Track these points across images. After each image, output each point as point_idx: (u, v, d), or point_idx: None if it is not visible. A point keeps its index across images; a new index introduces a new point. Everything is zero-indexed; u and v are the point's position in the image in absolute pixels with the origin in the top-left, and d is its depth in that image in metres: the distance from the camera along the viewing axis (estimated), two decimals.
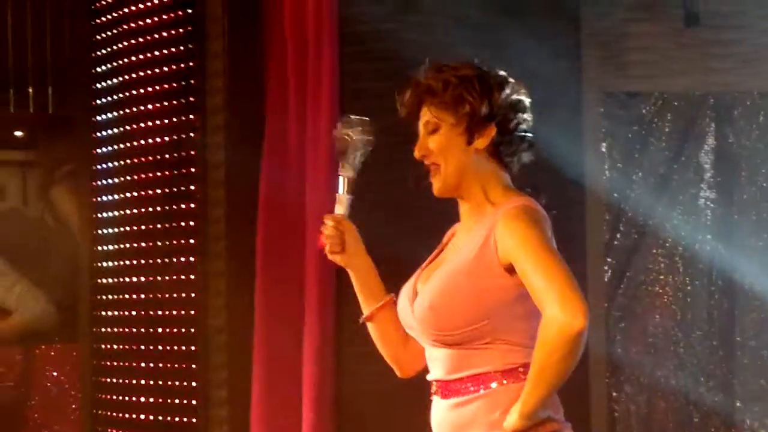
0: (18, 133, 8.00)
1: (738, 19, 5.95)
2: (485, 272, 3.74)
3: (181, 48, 6.34)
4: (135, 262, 6.59)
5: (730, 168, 6.06)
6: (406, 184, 4.14)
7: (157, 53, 6.49)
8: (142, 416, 6.47)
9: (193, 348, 6.15)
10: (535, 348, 3.60)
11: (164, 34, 6.44)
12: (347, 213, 4.05)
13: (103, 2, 6.87)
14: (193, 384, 6.13)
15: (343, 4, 5.62)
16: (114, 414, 6.67)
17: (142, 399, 6.49)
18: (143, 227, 6.50)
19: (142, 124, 6.57)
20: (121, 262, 6.68)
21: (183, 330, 6.24)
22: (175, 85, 6.40)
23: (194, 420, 6.10)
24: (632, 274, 5.80)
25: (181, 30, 6.35)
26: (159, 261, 6.43)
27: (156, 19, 6.51)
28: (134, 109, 6.64)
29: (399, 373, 4.11)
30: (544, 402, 3.66)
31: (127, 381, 6.60)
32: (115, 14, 6.78)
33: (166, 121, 6.42)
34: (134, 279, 6.60)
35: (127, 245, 6.65)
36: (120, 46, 6.74)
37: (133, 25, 6.66)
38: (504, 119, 3.77)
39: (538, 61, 4.23)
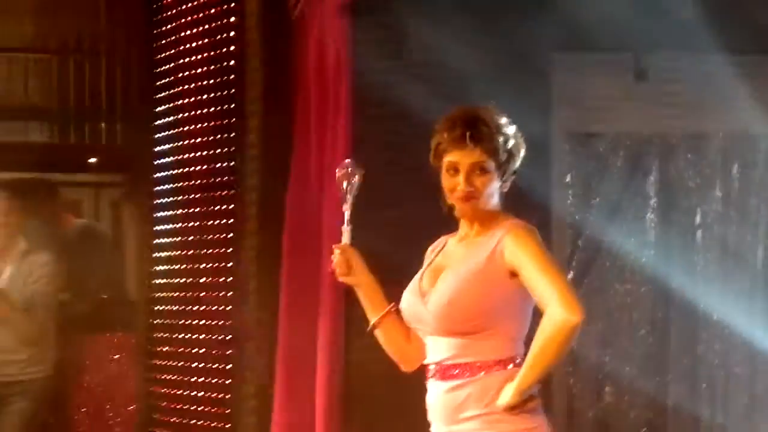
0: (92, 160, 7.86)
1: (678, 75, 5.93)
2: (493, 276, 3.72)
3: (224, 93, 6.29)
4: (183, 266, 6.55)
5: (670, 196, 6.05)
6: (401, 210, 4.07)
7: (204, 97, 6.44)
8: (185, 392, 6.44)
9: (228, 337, 6.13)
10: (536, 337, 3.62)
11: (211, 81, 6.40)
12: (350, 241, 4.03)
13: (163, 63, 6.81)
14: (228, 366, 6.13)
15: (357, 60, 5.54)
16: (164, 390, 6.62)
17: (186, 378, 6.46)
18: (190, 238, 6.47)
19: (192, 154, 6.54)
20: (172, 267, 6.65)
21: (221, 322, 6.21)
22: (218, 123, 6.36)
23: (228, 396, 6.10)
24: (589, 282, 5.76)
25: (225, 78, 6.31)
26: (203, 266, 6.39)
27: (203, 69, 6.46)
28: (185, 142, 6.60)
29: (403, 368, 4.04)
30: (537, 382, 3.67)
31: (174, 363, 6.56)
32: (170, 65, 6.75)
33: (211, 152, 6.39)
34: (182, 280, 6.55)
35: (177, 252, 6.61)
36: (175, 90, 6.69)
37: (186, 73, 6.61)
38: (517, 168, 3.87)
39: (516, 106, 4.08)
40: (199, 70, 6.46)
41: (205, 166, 6.37)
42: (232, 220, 6.14)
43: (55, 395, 6.65)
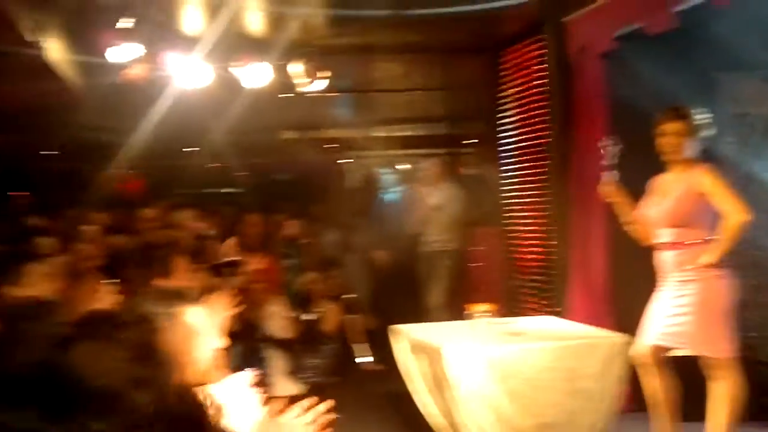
0: (467, 141, 8.06)
1: None
2: (693, 196, 3.79)
3: (537, 105, 6.14)
4: (520, 192, 6.45)
5: None
6: (638, 164, 4.13)
7: (525, 108, 6.30)
8: (525, 258, 6.28)
9: (546, 228, 6.00)
10: (723, 229, 3.69)
11: (529, 99, 6.26)
12: (613, 179, 4.07)
13: (503, 89, 6.64)
14: (547, 243, 5.98)
15: (609, 84, 5.32)
16: (514, 257, 6.42)
17: (524, 251, 6.31)
18: (527, 178, 6.34)
19: (519, 136, 6.43)
20: (514, 192, 6.56)
21: (541, 220, 6.08)
22: (534, 120, 6.19)
23: (549, 261, 5.94)
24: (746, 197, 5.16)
25: (536, 97, 6.15)
26: (530, 192, 6.28)
27: (524, 92, 6.33)
28: (518, 129, 6.47)
29: (643, 243, 4.11)
30: (724, 253, 3.74)
31: (519, 242, 6.49)
32: (506, 89, 6.60)
33: (532, 134, 6.24)
34: (519, 200, 6.46)
35: (516, 187, 6.53)
36: (509, 103, 6.59)
37: (514, 93, 6.50)
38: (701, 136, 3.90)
39: (698, 103, 4.07)
40: (523, 93, 6.33)
41: (529, 142, 6.23)
42: (546, 170, 5.98)
43: (460, 259, 6.77)
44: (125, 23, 5.28)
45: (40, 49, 4.66)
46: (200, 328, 2.04)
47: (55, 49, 5.03)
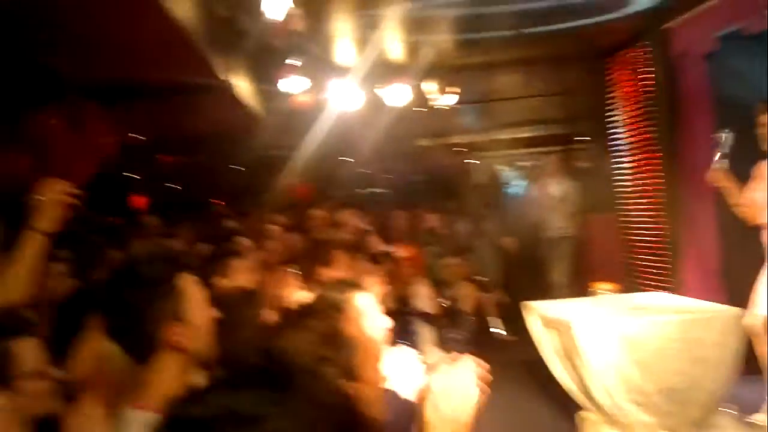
0: (579, 138, 7.58)
1: None
2: None
3: (641, 103, 5.89)
4: (632, 183, 6.11)
5: None
6: (741, 152, 3.81)
7: (632, 107, 6.05)
8: (642, 242, 6.02)
9: (661, 212, 5.73)
10: None
11: (640, 91, 5.97)
12: (722, 166, 3.80)
13: (609, 92, 6.40)
14: (664, 226, 5.68)
15: (712, 82, 5.00)
16: (628, 239, 6.22)
17: (640, 234, 6.02)
18: (637, 169, 6.02)
19: (627, 132, 6.15)
20: (623, 182, 6.26)
21: (655, 206, 5.80)
22: (640, 117, 5.94)
23: (667, 239, 5.62)
24: None
25: (641, 95, 5.90)
26: (639, 181, 5.96)
27: (631, 92, 6.06)
28: (626, 126, 6.21)
29: (750, 223, 3.84)
30: None
31: (635, 227, 6.11)
32: (612, 92, 6.31)
33: (639, 132, 5.99)
34: (632, 190, 6.12)
35: (627, 177, 6.23)
36: (615, 104, 6.28)
37: (619, 95, 6.25)
38: None
39: None
40: (630, 94, 6.06)
41: (637, 137, 6.00)
42: (656, 160, 5.71)
43: (578, 242, 6.51)
44: (294, 60, 5.52)
45: (230, 85, 4.90)
46: (369, 311, 2.06)
47: (240, 84, 5.28)
